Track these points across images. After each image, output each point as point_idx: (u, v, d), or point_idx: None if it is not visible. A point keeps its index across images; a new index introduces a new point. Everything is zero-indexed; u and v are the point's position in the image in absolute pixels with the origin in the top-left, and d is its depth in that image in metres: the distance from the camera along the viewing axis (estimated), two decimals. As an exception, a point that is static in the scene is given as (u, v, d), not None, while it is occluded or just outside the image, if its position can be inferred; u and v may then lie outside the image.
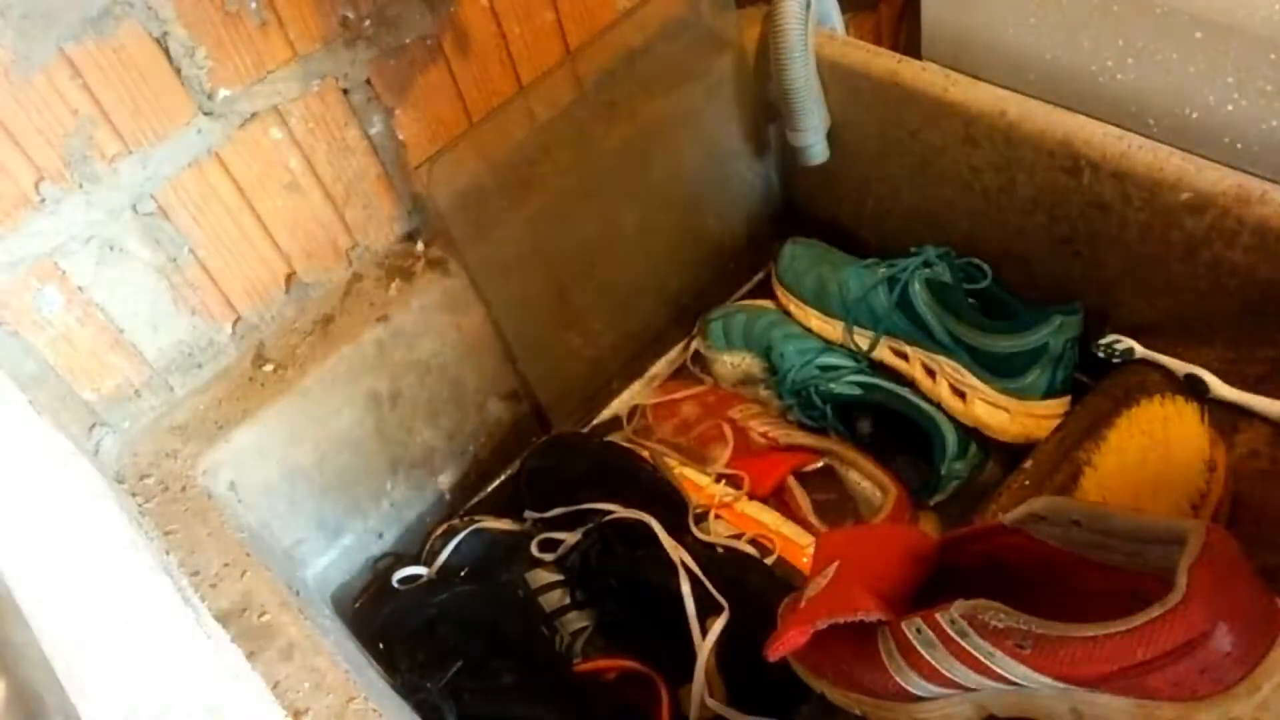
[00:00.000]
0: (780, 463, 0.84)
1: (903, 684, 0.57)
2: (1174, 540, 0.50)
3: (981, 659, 0.52)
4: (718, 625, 0.71)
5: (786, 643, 0.60)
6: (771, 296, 0.96)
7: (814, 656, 0.64)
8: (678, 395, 0.92)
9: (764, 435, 0.86)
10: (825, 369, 0.86)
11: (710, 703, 0.69)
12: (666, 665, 0.72)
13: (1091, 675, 0.50)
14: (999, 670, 0.52)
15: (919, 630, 0.55)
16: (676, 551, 0.75)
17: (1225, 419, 0.66)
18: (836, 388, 0.84)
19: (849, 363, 0.87)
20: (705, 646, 0.70)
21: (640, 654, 0.73)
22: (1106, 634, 0.49)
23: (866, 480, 0.82)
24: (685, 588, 0.73)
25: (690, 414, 0.90)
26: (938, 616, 0.54)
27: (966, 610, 0.52)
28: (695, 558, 0.75)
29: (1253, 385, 0.67)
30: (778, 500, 0.83)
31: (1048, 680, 0.51)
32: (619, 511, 0.78)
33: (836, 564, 0.61)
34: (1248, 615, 0.48)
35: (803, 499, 0.81)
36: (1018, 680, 0.52)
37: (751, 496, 0.82)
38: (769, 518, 0.80)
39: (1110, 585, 0.55)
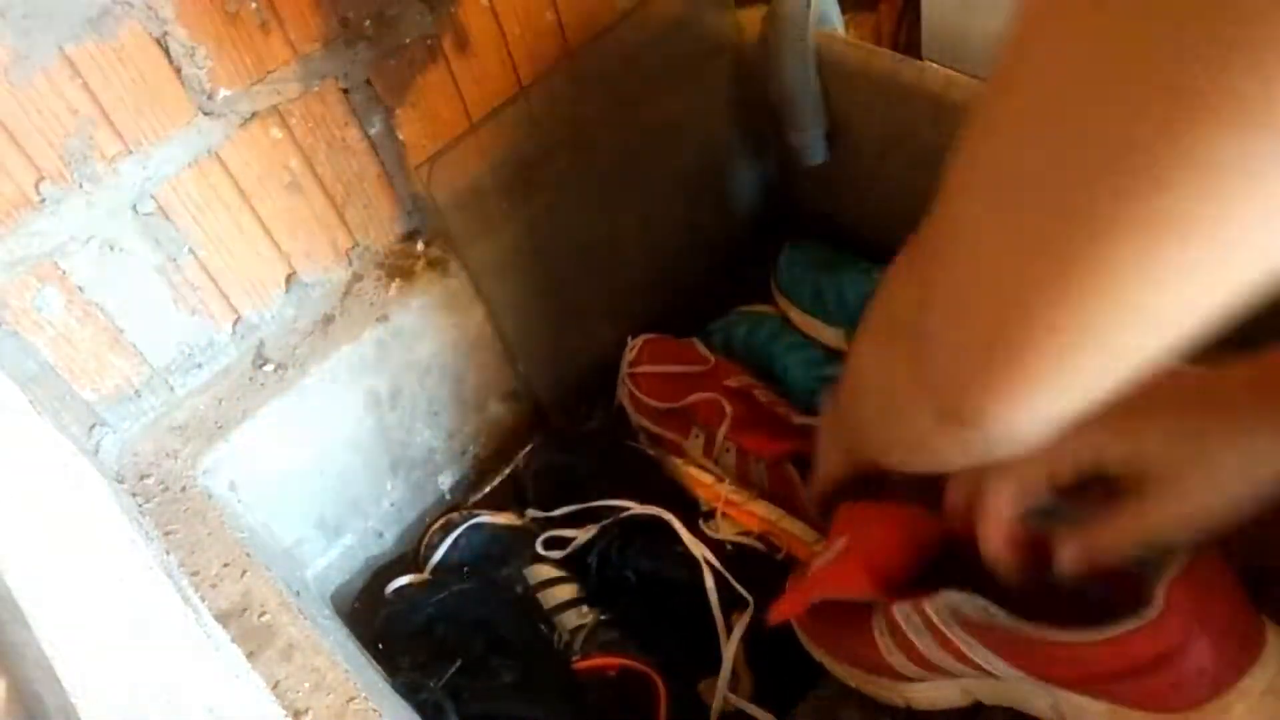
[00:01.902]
0: (787, 440, 0.82)
1: (893, 664, 0.58)
2: (1166, 552, 0.50)
3: (964, 649, 0.53)
4: (744, 619, 0.71)
5: (783, 610, 0.63)
6: (771, 301, 0.96)
7: (817, 628, 0.65)
8: (672, 369, 0.90)
9: (774, 405, 0.84)
10: (832, 380, 0.86)
11: (732, 698, 0.70)
12: (683, 660, 0.73)
13: (1063, 677, 0.50)
14: (979, 661, 0.53)
15: (908, 616, 0.56)
16: (698, 547, 0.75)
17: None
18: None
19: None
20: (732, 641, 0.71)
21: (655, 650, 0.74)
22: (1078, 641, 0.49)
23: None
24: (710, 583, 0.73)
25: (682, 384, 0.89)
26: (925, 604, 0.54)
27: (951, 601, 0.53)
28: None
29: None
30: (774, 478, 0.82)
31: (1023, 676, 0.52)
32: (636, 508, 0.78)
33: (846, 538, 0.62)
34: (1225, 635, 0.48)
35: (800, 486, 0.80)
36: (997, 673, 0.53)
37: (749, 453, 0.82)
38: (775, 515, 0.80)
39: (1113, 587, 0.55)
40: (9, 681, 0.37)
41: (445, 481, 0.89)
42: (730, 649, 0.71)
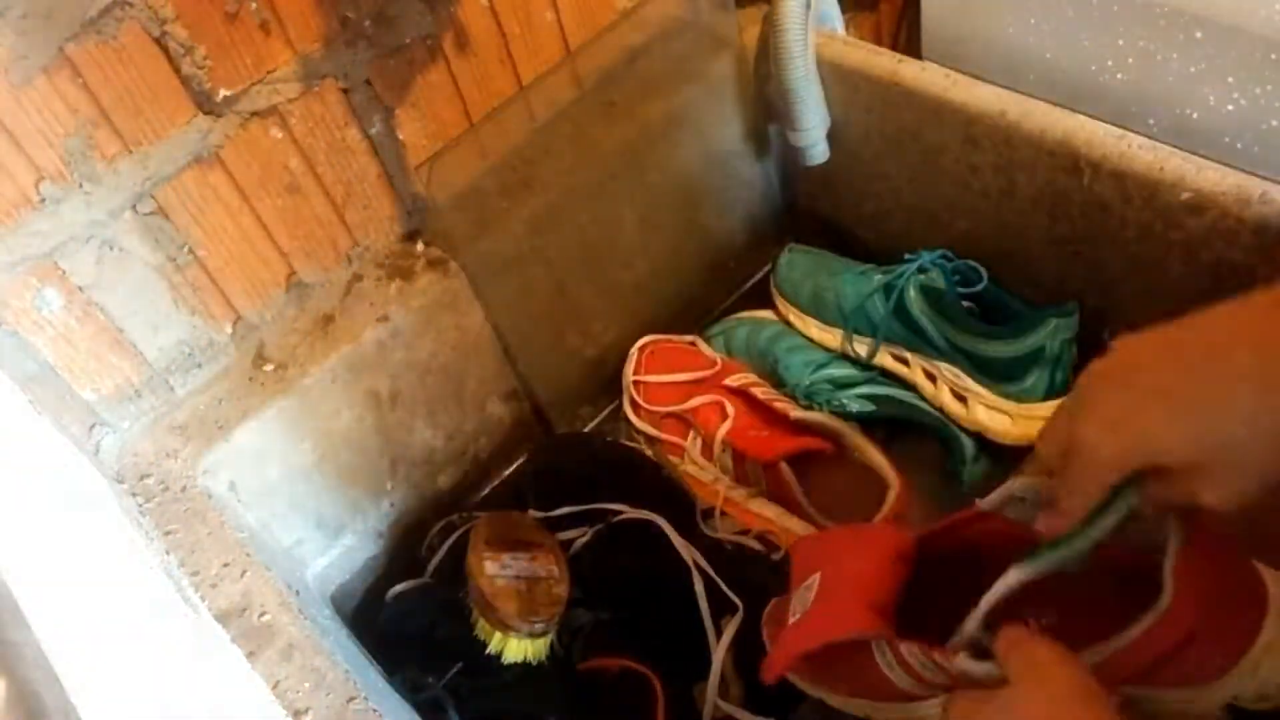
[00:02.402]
0: (782, 441, 0.82)
1: (905, 689, 0.58)
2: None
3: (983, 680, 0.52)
4: (733, 625, 0.71)
5: (777, 666, 0.60)
6: (770, 303, 0.96)
7: (811, 669, 0.63)
8: (675, 378, 0.91)
9: (772, 403, 0.84)
10: (834, 381, 0.86)
11: (723, 705, 0.69)
12: (678, 664, 0.72)
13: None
14: None
15: (920, 659, 0.55)
16: (689, 551, 0.75)
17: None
18: (850, 404, 0.83)
19: (857, 373, 0.86)
20: (721, 647, 0.70)
21: (651, 653, 0.74)
22: (1107, 655, 0.49)
23: (872, 471, 0.81)
24: (699, 588, 0.73)
25: (684, 389, 0.89)
26: (937, 656, 0.53)
27: (966, 666, 0.52)
28: (704, 555, 0.75)
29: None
30: (770, 479, 0.82)
31: None
32: (628, 511, 0.78)
33: (819, 575, 0.61)
34: (1235, 603, 0.49)
35: (795, 486, 0.80)
36: None
37: (746, 456, 0.82)
38: (774, 513, 0.80)
39: (1123, 576, 0.55)
40: (9, 681, 0.37)
41: (445, 481, 0.89)
42: (719, 654, 0.70)
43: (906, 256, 0.84)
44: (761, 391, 0.85)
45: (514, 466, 0.92)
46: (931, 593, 0.57)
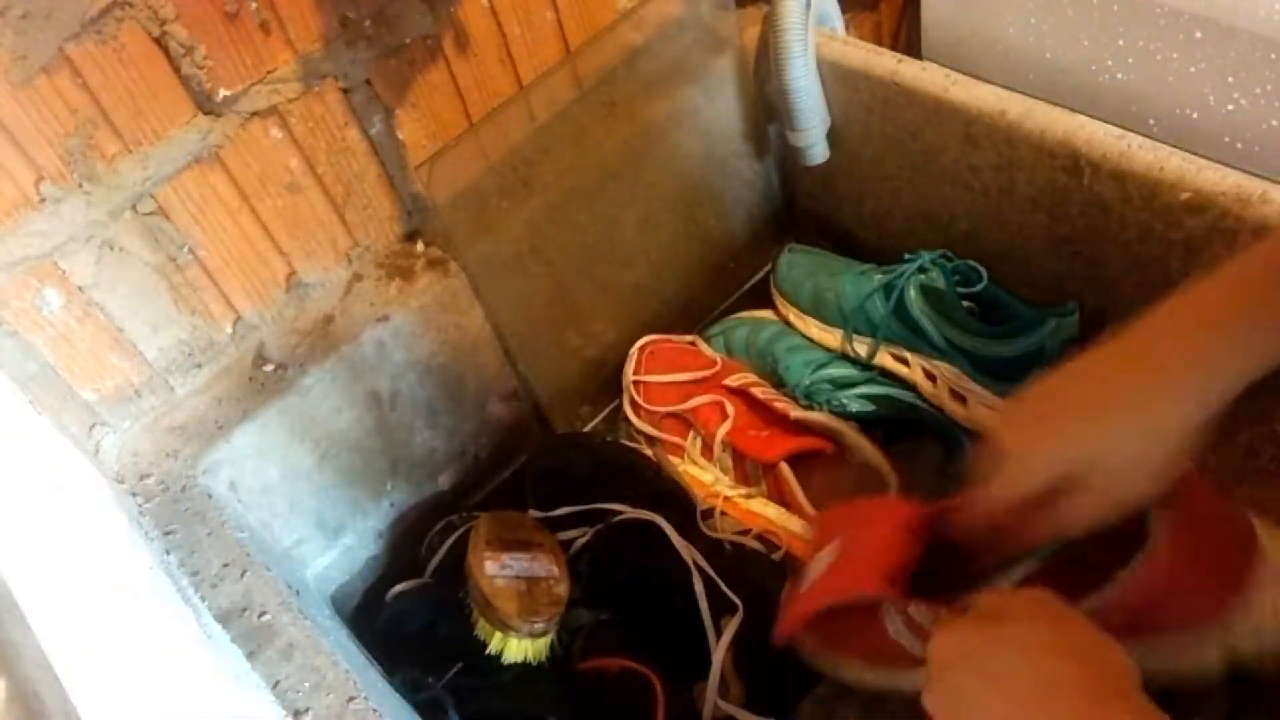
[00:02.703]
0: (782, 441, 0.82)
1: (914, 653, 0.58)
2: None
3: None
4: (732, 625, 0.71)
5: (788, 624, 0.62)
6: (770, 303, 0.96)
7: (819, 637, 0.64)
8: (675, 378, 0.91)
9: (772, 403, 0.84)
10: (834, 381, 0.86)
11: (723, 705, 0.69)
12: (678, 664, 0.73)
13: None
14: None
15: (928, 617, 0.55)
16: (689, 551, 0.75)
17: (1223, 417, 0.66)
18: (850, 404, 0.83)
19: (857, 373, 0.86)
20: (720, 647, 0.70)
21: (651, 653, 0.74)
22: (1098, 605, 0.50)
23: (872, 470, 0.81)
24: (699, 588, 0.73)
25: (684, 389, 0.89)
26: (943, 611, 0.54)
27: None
28: (704, 555, 0.75)
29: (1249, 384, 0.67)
30: (770, 479, 0.82)
31: None
32: (628, 511, 0.78)
33: (836, 543, 0.62)
34: (1222, 543, 0.50)
35: (795, 486, 0.80)
36: None
37: (746, 456, 0.82)
38: (774, 513, 0.80)
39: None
40: (9, 681, 0.37)
41: (445, 481, 0.89)
42: (719, 655, 0.70)
43: (906, 256, 0.84)
44: (761, 391, 0.85)
45: (514, 466, 0.92)
46: (945, 567, 0.58)
